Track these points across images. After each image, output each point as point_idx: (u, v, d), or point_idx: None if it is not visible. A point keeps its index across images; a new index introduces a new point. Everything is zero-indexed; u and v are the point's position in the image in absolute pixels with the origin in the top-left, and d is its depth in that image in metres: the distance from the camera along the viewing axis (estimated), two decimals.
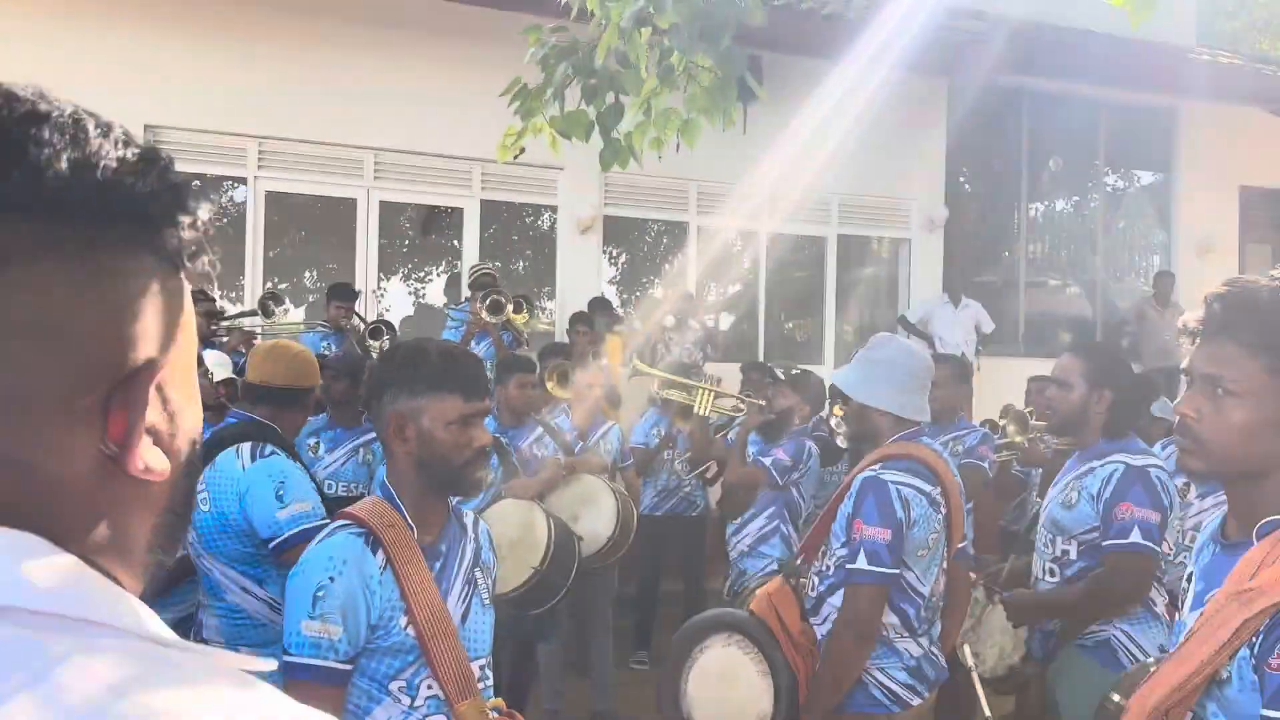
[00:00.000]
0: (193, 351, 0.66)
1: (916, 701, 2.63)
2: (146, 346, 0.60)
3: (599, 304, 7.63)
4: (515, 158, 4.10)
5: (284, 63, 7.21)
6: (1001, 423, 5.41)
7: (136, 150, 0.60)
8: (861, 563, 2.53)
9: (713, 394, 4.72)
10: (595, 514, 4.74)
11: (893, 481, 2.58)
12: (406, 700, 1.79)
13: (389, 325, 6.70)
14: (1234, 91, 9.29)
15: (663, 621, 5.81)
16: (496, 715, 1.83)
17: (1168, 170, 10.22)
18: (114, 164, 0.58)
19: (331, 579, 1.75)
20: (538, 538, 4.03)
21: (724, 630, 2.73)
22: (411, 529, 1.87)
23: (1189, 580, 1.64)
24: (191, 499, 0.67)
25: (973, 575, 3.44)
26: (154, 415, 0.61)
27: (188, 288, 0.65)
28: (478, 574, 2.00)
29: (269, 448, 2.95)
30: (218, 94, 7.05)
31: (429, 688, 1.80)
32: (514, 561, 3.99)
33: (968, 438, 4.65)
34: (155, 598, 3.04)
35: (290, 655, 1.74)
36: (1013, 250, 10.14)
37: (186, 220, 0.62)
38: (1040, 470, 5.16)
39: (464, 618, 1.91)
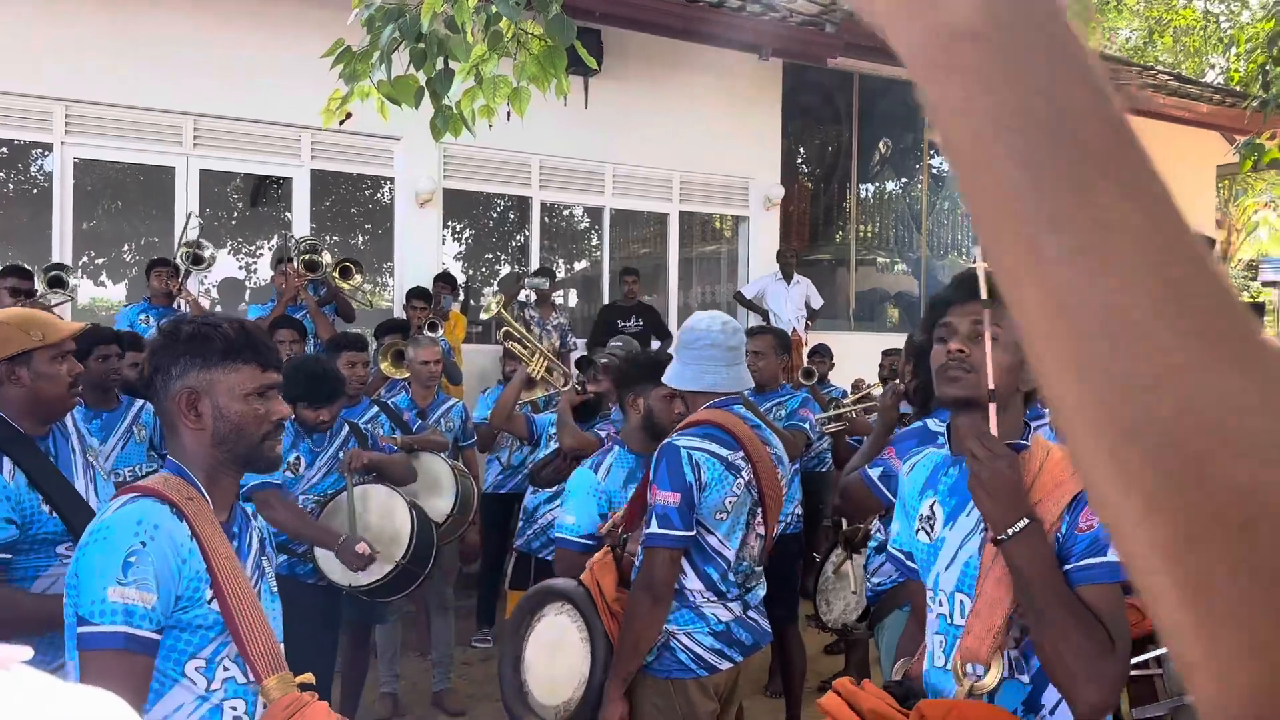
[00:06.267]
0: None
1: (726, 665, 2.69)
2: None
3: (444, 279, 7.48)
4: (341, 123, 3.94)
5: (93, 19, 6.70)
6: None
7: None
8: (654, 526, 2.58)
9: (546, 362, 4.72)
10: (434, 492, 4.68)
11: (684, 446, 2.63)
12: (203, 683, 1.69)
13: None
14: None
15: (507, 600, 5.77)
16: (302, 691, 1.75)
17: None
18: None
19: (143, 544, 1.64)
20: (399, 527, 3.96)
21: (558, 599, 2.77)
22: (209, 503, 1.80)
23: (931, 507, 1.95)
24: None
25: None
26: None
27: None
28: (264, 562, 1.94)
29: None
30: (18, 52, 6.49)
31: (226, 669, 1.71)
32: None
33: (789, 402, 4.85)
34: None
35: (93, 625, 1.59)
36: (844, 229, 10.51)
37: None
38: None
39: None
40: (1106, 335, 0.38)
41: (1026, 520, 1.68)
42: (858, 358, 7.82)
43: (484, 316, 5.05)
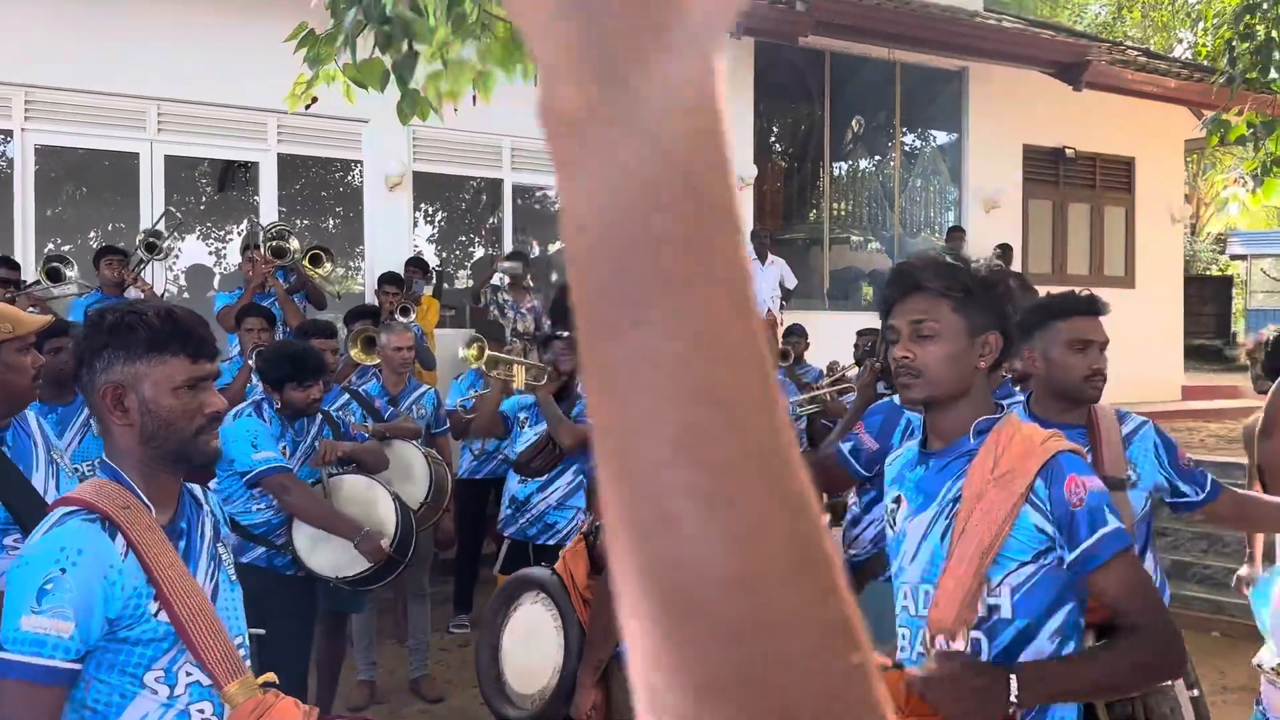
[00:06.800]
0: None
1: None
2: None
3: (416, 263, 7.42)
4: (307, 108, 3.89)
5: (52, 2, 6.56)
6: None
7: None
8: None
9: (524, 367, 4.71)
10: (407, 480, 4.65)
11: None
12: (165, 691, 1.66)
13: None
14: (1017, 54, 9.87)
15: (484, 585, 5.77)
16: (266, 692, 1.72)
17: (959, 130, 10.81)
18: None
19: (63, 570, 1.58)
20: (383, 517, 3.94)
21: (534, 588, 2.79)
22: (149, 508, 1.72)
23: (897, 499, 1.98)
24: None
25: None
26: None
27: None
28: (220, 549, 1.87)
29: None
30: None
31: (188, 674, 1.68)
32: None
33: None
34: None
35: (5, 653, 1.57)
36: (818, 208, 10.51)
37: None
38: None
39: (214, 596, 1.77)
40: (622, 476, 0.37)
41: (1014, 705, 1.67)
42: (833, 337, 7.83)
43: (473, 366, 5.02)
